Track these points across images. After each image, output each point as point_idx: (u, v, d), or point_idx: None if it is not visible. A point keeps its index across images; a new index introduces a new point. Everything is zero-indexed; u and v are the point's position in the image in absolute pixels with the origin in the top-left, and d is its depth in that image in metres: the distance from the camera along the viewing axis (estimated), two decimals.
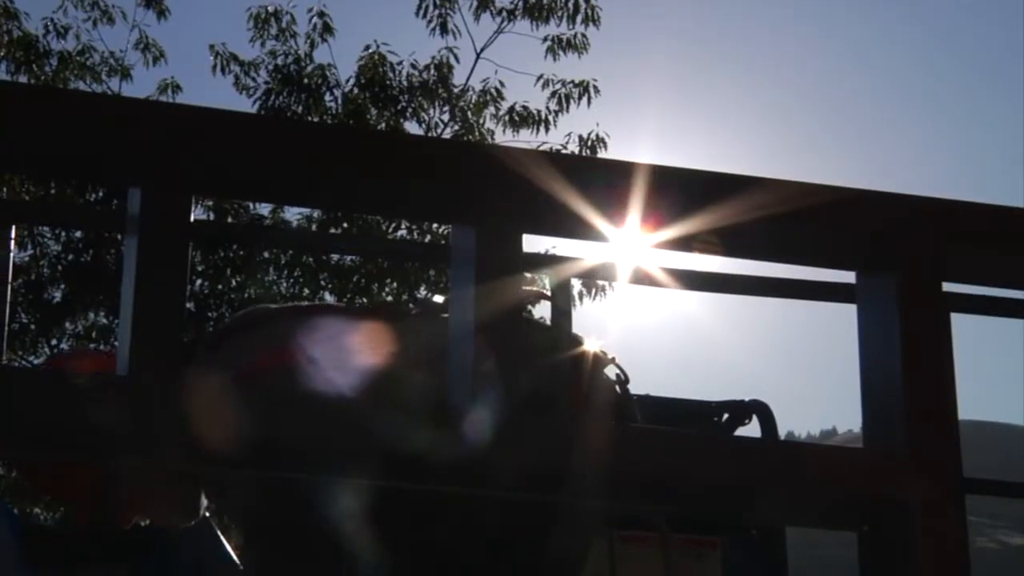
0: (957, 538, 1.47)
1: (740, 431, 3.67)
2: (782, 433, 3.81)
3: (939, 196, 1.56)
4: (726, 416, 3.58)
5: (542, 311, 14.51)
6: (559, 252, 4.29)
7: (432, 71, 15.42)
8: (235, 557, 3.40)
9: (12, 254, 3.33)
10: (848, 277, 1.63)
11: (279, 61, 15.35)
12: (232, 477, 2.75)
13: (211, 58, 15.27)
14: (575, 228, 1.51)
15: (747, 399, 3.86)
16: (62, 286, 14.65)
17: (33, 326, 14.48)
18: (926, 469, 1.47)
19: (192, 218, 1.47)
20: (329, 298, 15.22)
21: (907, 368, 1.50)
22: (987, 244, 1.56)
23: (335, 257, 14.98)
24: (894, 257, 1.53)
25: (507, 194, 1.46)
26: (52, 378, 1.65)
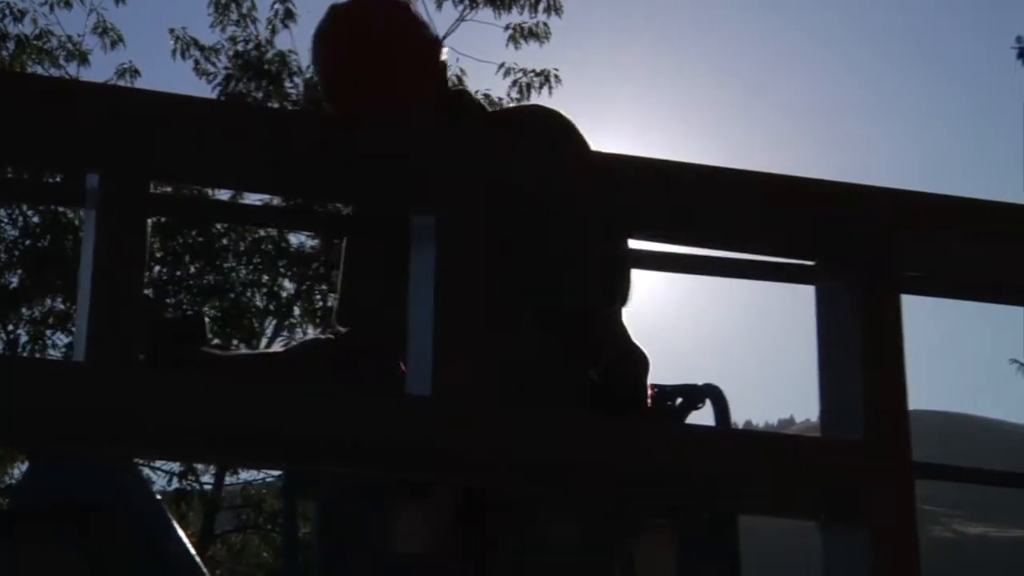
0: (909, 526, 1.48)
1: (693, 416, 3.67)
2: (740, 423, 3.84)
3: (896, 187, 1.57)
4: (679, 400, 3.58)
5: None
6: None
7: None
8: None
9: None
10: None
11: (240, 47, 15.29)
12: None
13: (171, 43, 15.19)
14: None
15: (700, 384, 3.87)
16: (19, 271, 14.56)
17: None
18: (883, 459, 1.48)
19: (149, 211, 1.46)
20: (288, 285, 15.19)
21: (865, 357, 1.51)
22: (945, 235, 1.57)
23: (295, 244, 14.93)
24: (853, 247, 1.54)
25: (476, 183, 1.46)
26: (8, 364, 1.65)
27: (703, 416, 3.85)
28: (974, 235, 1.57)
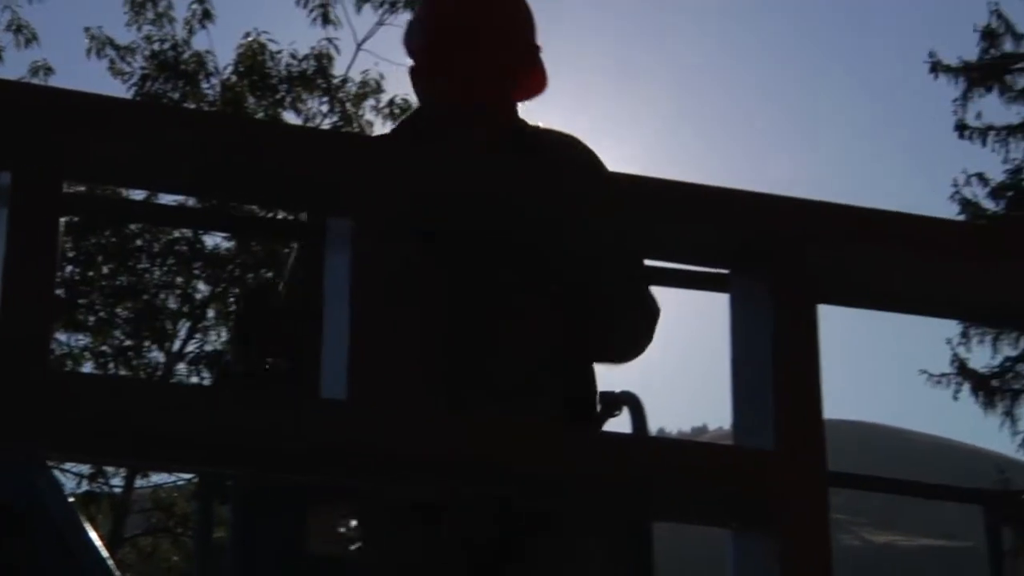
0: (822, 535, 1.49)
1: (611, 423, 3.69)
2: (654, 430, 3.85)
3: (806, 197, 1.58)
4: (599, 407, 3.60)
5: None
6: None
7: (312, 61, 15.33)
8: None
9: None
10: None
11: (156, 46, 15.16)
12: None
13: (86, 41, 15.04)
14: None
15: (618, 391, 3.89)
16: None
17: None
18: (794, 467, 1.49)
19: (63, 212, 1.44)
20: (202, 287, 15.08)
21: (777, 366, 1.52)
22: (859, 246, 1.58)
23: (210, 245, 14.83)
24: (766, 256, 1.55)
25: (388, 189, 1.46)
26: None
27: (621, 423, 3.86)
28: (887, 246, 1.59)
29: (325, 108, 15.45)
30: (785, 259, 1.55)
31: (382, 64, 15.63)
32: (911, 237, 1.59)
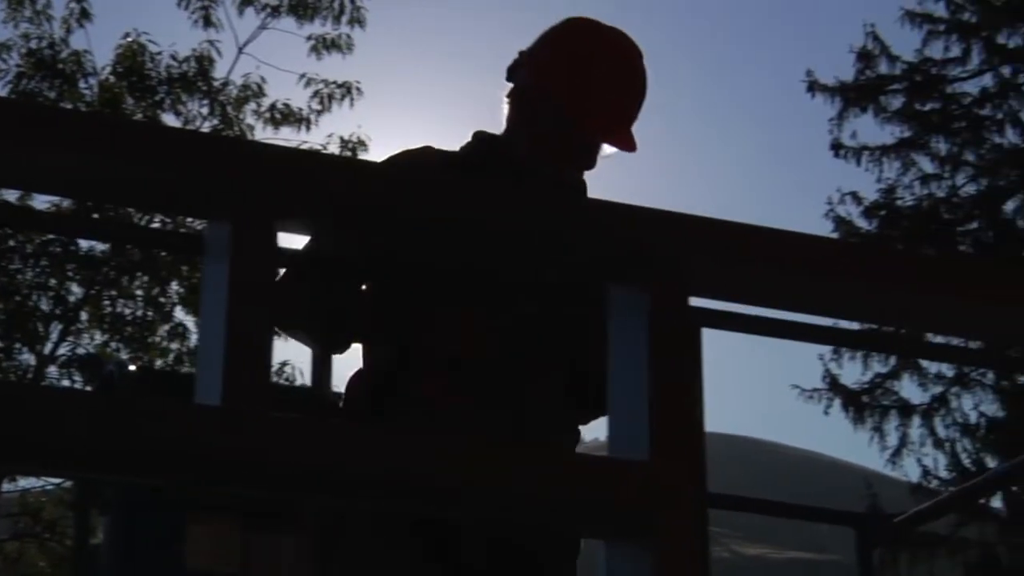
0: (698, 550, 1.51)
1: None
2: None
3: (687, 212, 1.60)
4: None
5: None
6: None
7: (192, 63, 15.20)
8: None
9: None
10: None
11: (33, 44, 14.94)
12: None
13: None
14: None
15: None
16: None
17: None
18: (670, 479, 1.50)
19: None
20: (76, 289, 14.87)
21: (655, 380, 1.53)
22: (733, 261, 1.60)
23: (84, 247, 14.63)
24: (644, 270, 1.56)
25: (264, 188, 1.45)
26: None
27: None
28: (765, 262, 1.60)
29: (205, 111, 15.33)
30: (664, 273, 1.56)
31: (264, 68, 15.55)
32: (787, 254, 1.61)
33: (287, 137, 15.18)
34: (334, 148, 15.17)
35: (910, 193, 17.72)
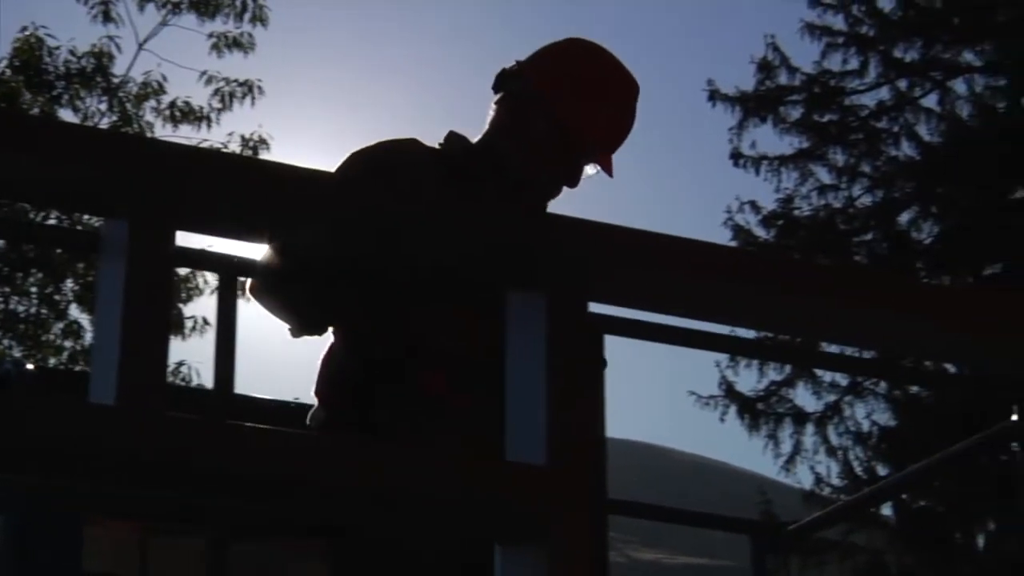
0: (594, 555, 1.51)
1: None
2: None
3: (589, 218, 1.60)
4: None
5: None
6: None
7: (91, 59, 15.02)
8: None
9: None
10: None
11: None
12: None
13: None
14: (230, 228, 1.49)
15: None
16: None
17: None
18: (565, 486, 1.51)
19: None
20: None
21: (552, 385, 1.53)
22: (632, 266, 1.61)
23: None
24: (543, 275, 1.57)
25: (162, 187, 1.44)
26: None
27: None
28: (664, 269, 1.61)
29: (104, 107, 15.16)
30: (564, 279, 1.56)
31: (164, 66, 15.40)
32: (685, 260, 1.62)
33: (187, 135, 15.06)
34: (235, 146, 15.06)
35: (807, 203, 17.89)
